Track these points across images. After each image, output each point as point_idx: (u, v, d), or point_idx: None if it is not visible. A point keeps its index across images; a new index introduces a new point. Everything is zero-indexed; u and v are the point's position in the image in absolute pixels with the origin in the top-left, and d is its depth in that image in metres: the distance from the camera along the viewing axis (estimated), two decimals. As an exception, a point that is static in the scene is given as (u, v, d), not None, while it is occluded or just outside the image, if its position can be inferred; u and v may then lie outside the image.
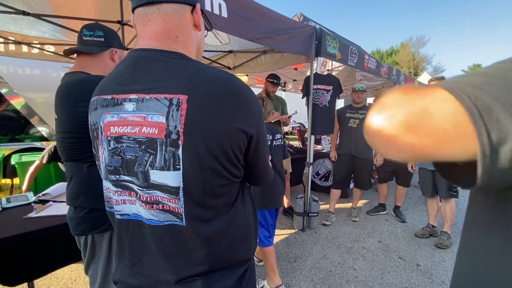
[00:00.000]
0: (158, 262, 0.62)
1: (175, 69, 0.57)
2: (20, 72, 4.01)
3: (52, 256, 1.42)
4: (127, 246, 0.66)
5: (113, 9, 2.35)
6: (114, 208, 0.66)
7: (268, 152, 0.74)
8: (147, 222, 0.61)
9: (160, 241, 0.61)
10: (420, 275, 2.30)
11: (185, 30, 0.63)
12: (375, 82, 5.57)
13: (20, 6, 2.06)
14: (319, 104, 2.96)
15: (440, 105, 0.31)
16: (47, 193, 1.79)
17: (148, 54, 0.59)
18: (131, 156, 0.58)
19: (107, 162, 0.61)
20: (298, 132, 6.82)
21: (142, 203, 0.60)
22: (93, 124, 0.64)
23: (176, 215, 0.58)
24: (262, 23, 2.07)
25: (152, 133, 0.55)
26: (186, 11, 0.63)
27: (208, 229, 0.61)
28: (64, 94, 1.03)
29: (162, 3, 0.60)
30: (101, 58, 1.16)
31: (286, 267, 2.37)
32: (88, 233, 1.04)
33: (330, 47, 2.84)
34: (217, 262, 0.64)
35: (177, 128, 0.54)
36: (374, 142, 0.38)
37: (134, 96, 0.57)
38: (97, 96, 0.63)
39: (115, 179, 0.62)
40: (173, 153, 0.54)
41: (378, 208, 3.68)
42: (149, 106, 0.55)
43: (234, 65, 3.94)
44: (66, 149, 1.03)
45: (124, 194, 0.62)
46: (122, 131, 0.58)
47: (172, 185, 0.56)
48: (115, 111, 0.59)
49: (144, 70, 0.58)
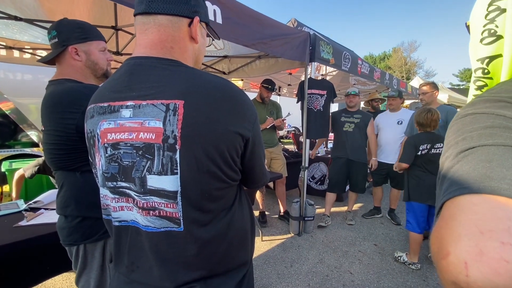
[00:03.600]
0: (155, 269, 0.62)
1: (171, 75, 0.58)
2: (11, 77, 3.95)
3: (43, 265, 1.38)
4: (126, 253, 0.65)
5: (107, 14, 2.35)
6: (112, 215, 0.65)
7: (264, 156, 0.75)
8: (143, 229, 0.61)
9: (157, 248, 0.60)
10: (415, 278, 2.31)
11: (180, 42, 0.64)
12: (368, 87, 5.65)
13: (12, 11, 2.04)
14: (313, 108, 2.99)
15: None
16: (39, 201, 1.74)
17: (144, 61, 0.60)
18: (128, 162, 0.58)
19: (104, 169, 0.61)
20: (293, 136, 6.85)
21: (139, 210, 0.60)
22: (89, 132, 0.64)
23: (173, 221, 0.58)
24: (256, 28, 2.09)
25: (149, 138, 0.56)
26: (183, 24, 0.63)
27: (206, 233, 0.61)
28: (50, 105, 0.97)
29: (157, 15, 0.61)
30: (64, 61, 1.04)
31: (283, 272, 2.36)
32: (80, 243, 1.01)
33: (324, 52, 2.88)
34: (215, 267, 0.64)
35: (174, 133, 0.54)
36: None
37: (131, 102, 0.57)
38: (94, 104, 0.63)
39: (112, 186, 0.61)
40: (170, 158, 0.55)
41: (373, 211, 3.70)
42: (146, 112, 0.56)
43: (229, 70, 3.95)
44: (55, 160, 1.00)
45: (121, 200, 0.62)
46: (119, 138, 0.58)
47: (169, 189, 0.56)
48: (112, 118, 0.59)
49: (141, 77, 0.58)
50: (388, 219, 3.60)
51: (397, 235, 3.17)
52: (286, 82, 5.30)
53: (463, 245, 0.26)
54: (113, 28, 2.49)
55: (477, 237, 0.25)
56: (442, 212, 0.31)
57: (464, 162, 0.32)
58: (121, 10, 2.35)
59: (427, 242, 2.90)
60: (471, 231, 0.26)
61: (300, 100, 3.01)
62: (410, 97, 6.44)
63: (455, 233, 0.27)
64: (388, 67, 37.50)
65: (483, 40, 0.51)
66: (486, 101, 0.37)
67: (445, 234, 0.28)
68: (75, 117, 0.93)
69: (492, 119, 0.34)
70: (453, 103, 8.42)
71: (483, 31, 0.51)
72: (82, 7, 2.21)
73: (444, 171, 0.35)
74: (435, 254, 0.30)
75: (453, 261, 0.26)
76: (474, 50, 0.55)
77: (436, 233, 0.30)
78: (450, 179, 0.32)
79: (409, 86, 6.24)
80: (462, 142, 0.34)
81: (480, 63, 0.53)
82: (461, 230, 0.26)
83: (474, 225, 0.26)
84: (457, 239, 0.26)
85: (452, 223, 0.28)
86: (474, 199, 0.28)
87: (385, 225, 3.44)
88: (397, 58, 38.35)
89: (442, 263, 0.27)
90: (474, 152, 0.32)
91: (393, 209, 3.57)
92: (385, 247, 2.86)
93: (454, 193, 0.30)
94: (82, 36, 1.05)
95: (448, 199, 0.31)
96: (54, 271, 1.45)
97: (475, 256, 0.24)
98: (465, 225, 0.27)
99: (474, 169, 0.30)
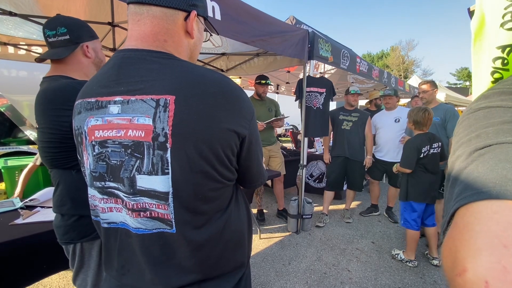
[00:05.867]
0: (147, 273, 0.59)
1: (162, 69, 0.54)
2: (6, 73, 3.89)
3: (39, 264, 1.37)
4: (115, 256, 0.62)
5: (104, 10, 2.32)
6: (100, 216, 0.62)
7: (262, 154, 0.72)
8: (133, 231, 0.58)
9: (149, 251, 0.58)
10: (412, 275, 2.32)
11: (175, 36, 0.60)
12: (366, 85, 5.66)
13: (7, 7, 2.00)
14: (313, 106, 2.98)
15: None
16: (35, 199, 1.73)
17: (133, 54, 0.57)
18: (116, 161, 0.55)
19: (92, 168, 0.59)
20: (291, 134, 6.86)
21: (129, 211, 0.57)
22: (77, 128, 0.61)
23: (165, 222, 0.55)
24: (255, 25, 2.08)
25: (139, 136, 0.53)
26: (178, 17, 0.60)
27: (200, 235, 0.58)
28: (44, 103, 0.95)
29: (152, 6, 0.57)
30: (73, 59, 1.03)
31: (281, 269, 2.36)
32: (77, 241, 1.00)
33: (323, 50, 2.87)
34: (210, 270, 0.62)
35: (165, 130, 0.51)
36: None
37: (119, 98, 0.54)
38: (81, 100, 0.60)
39: (100, 185, 0.59)
40: (161, 157, 0.52)
41: (370, 209, 3.72)
42: (134, 108, 0.53)
43: (227, 68, 3.93)
44: (50, 159, 0.98)
45: (110, 201, 0.59)
46: (107, 135, 0.55)
47: (160, 190, 0.54)
48: (99, 114, 0.56)
49: (130, 71, 0.55)
50: (385, 217, 3.62)
51: (394, 233, 3.18)
52: (285, 80, 5.30)
53: (483, 260, 0.22)
54: (109, 25, 2.45)
55: (500, 251, 0.21)
56: (455, 220, 0.27)
57: (480, 162, 0.28)
58: (118, 6, 2.32)
59: (424, 240, 2.92)
60: (492, 244, 0.22)
61: (299, 98, 3.00)
62: (408, 95, 6.45)
63: (473, 246, 0.23)
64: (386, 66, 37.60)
65: (504, 24, 0.43)
66: (501, 94, 0.32)
67: (460, 247, 0.24)
68: (69, 114, 0.91)
69: (510, 113, 0.29)
70: (451, 102, 8.46)
71: (504, 14, 0.43)
72: (78, 2, 2.18)
73: (456, 173, 0.31)
74: (448, 269, 0.26)
75: (472, 279, 0.22)
76: (491, 36, 0.46)
77: (449, 244, 0.26)
78: (464, 181, 0.28)
79: (406, 84, 6.26)
80: (476, 140, 0.30)
81: (501, 52, 0.45)
82: (480, 243, 0.23)
83: (496, 237, 0.22)
84: (476, 254, 0.22)
85: (468, 234, 0.24)
86: (494, 206, 0.24)
87: (382, 223, 3.46)
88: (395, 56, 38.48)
89: (457, 280, 0.23)
90: (491, 151, 0.28)
91: (390, 207, 3.59)
92: (382, 245, 2.87)
93: (470, 199, 0.26)
94: (91, 34, 1.07)
95: (462, 205, 0.27)
96: (51, 269, 1.44)
97: (498, 274, 0.21)
98: (485, 237, 0.23)
99: (493, 170, 0.26)
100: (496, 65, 0.47)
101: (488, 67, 0.49)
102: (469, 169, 0.29)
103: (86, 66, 1.06)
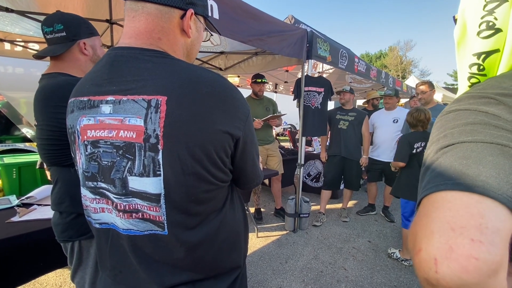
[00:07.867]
0: (140, 272, 0.59)
1: (155, 68, 0.53)
2: (2, 70, 3.86)
3: (36, 262, 1.36)
4: (107, 257, 0.62)
5: (102, 7, 2.30)
6: (92, 217, 0.62)
7: (257, 155, 0.71)
8: (123, 233, 0.57)
9: (141, 251, 0.57)
10: (408, 274, 2.35)
11: (170, 34, 0.59)
12: (364, 85, 5.68)
13: (3, 3, 1.98)
14: (311, 105, 2.99)
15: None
16: (31, 196, 1.72)
17: (126, 52, 0.56)
18: (108, 162, 0.54)
19: (84, 168, 0.58)
20: (289, 134, 6.86)
21: (119, 213, 0.56)
22: (70, 127, 0.60)
23: (157, 224, 0.55)
24: (253, 25, 2.08)
25: (130, 137, 0.52)
26: (174, 15, 0.58)
27: (193, 237, 0.57)
28: (43, 99, 0.95)
29: (147, 2, 0.56)
30: (70, 55, 1.02)
31: (278, 268, 2.37)
32: (75, 239, 1.00)
33: (321, 49, 2.88)
34: (204, 271, 0.62)
35: (156, 132, 0.50)
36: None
37: (111, 97, 0.54)
38: (74, 98, 0.60)
39: (92, 186, 0.58)
40: (152, 158, 0.51)
41: (367, 208, 3.74)
42: (126, 108, 0.52)
43: (226, 66, 3.93)
44: (48, 156, 0.98)
45: (102, 202, 0.59)
46: (98, 135, 0.55)
47: (152, 192, 0.53)
48: (91, 113, 0.55)
49: (122, 70, 0.54)
50: (382, 216, 3.65)
51: (390, 232, 3.21)
52: (283, 80, 5.30)
53: (434, 241, 0.26)
54: (107, 22, 2.44)
55: (448, 234, 0.25)
56: (419, 209, 0.31)
57: (443, 158, 0.32)
58: (116, 3, 2.31)
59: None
60: (443, 228, 0.26)
61: (297, 97, 3.01)
62: (405, 95, 6.49)
63: (428, 229, 0.27)
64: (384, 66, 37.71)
65: (480, 33, 0.47)
66: (470, 98, 0.36)
67: (419, 231, 0.28)
68: None
69: (474, 116, 0.33)
70: (448, 102, 8.52)
71: (480, 23, 0.47)
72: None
73: (425, 168, 0.35)
74: (410, 250, 0.30)
75: (424, 257, 0.26)
76: (469, 43, 0.51)
77: (412, 229, 0.31)
78: (429, 175, 0.32)
79: (404, 85, 6.30)
80: (443, 139, 0.34)
81: (476, 58, 0.49)
82: (433, 227, 0.27)
83: (446, 222, 0.26)
84: (429, 236, 0.27)
85: (426, 219, 0.28)
86: (448, 196, 0.28)
87: (379, 222, 3.48)
88: (393, 56, 38.55)
89: (415, 259, 0.28)
90: (453, 149, 0.32)
91: (387, 206, 3.61)
92: (378, 244, 2.89)
93: (431, 190, 0.30)
94: (89, 31, 1.05)
95: (425, 195, 0.31)
96: (48, 267, 1.43)
97: (445, 253, 0.25)
98: (438, 221, 0.27)
99: (451, 166, 0.30)
100: (472, 71, 0.51)
101: (466, 72, 0.53)
102: (434, 164, 0.33)
103: (84, 63, 1.05)
